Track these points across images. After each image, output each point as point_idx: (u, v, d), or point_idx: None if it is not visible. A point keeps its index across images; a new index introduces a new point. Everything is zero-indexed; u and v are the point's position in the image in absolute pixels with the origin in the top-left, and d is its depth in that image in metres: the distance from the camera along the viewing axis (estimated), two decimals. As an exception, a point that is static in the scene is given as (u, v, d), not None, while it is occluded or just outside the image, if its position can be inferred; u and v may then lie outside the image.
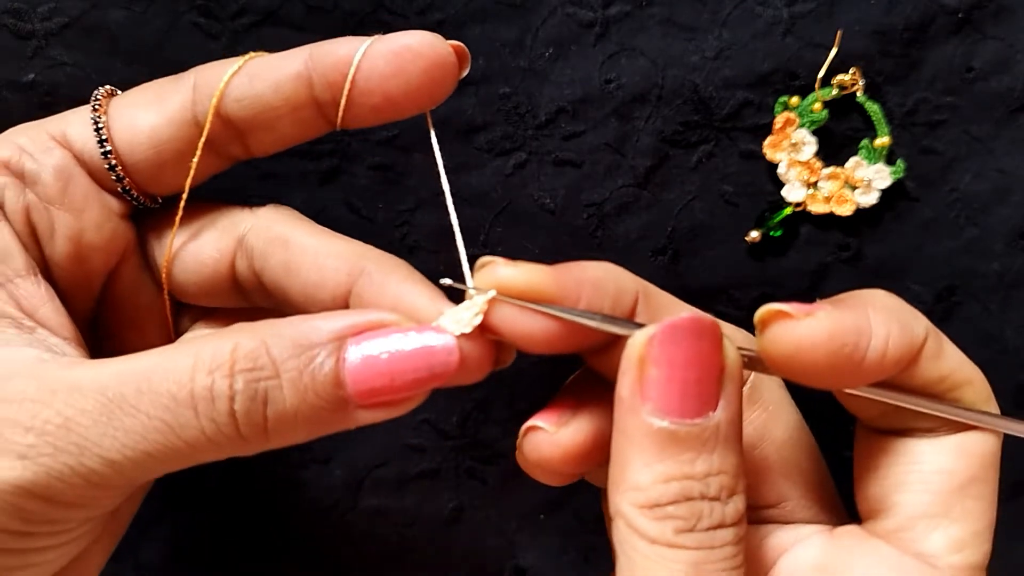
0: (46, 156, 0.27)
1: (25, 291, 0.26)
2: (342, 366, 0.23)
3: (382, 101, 0.26)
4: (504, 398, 0.39)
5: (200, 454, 0.24)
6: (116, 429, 0.23)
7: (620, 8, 0.36)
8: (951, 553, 0.25)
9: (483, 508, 0.40)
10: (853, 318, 0.24)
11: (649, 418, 0.23)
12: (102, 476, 0.23)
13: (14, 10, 0.34)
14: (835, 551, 0.27)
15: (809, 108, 0.36)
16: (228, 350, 0.23)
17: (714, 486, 0.23)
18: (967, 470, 0.25)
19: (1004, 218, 0.38)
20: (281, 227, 0.28)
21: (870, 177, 0.37)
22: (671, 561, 0.22)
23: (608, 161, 0.37)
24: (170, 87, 0.28)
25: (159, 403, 0.23)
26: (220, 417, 0.23)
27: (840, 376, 0.24)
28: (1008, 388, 0.40)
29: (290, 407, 0.23)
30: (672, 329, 0.23)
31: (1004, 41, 0.36)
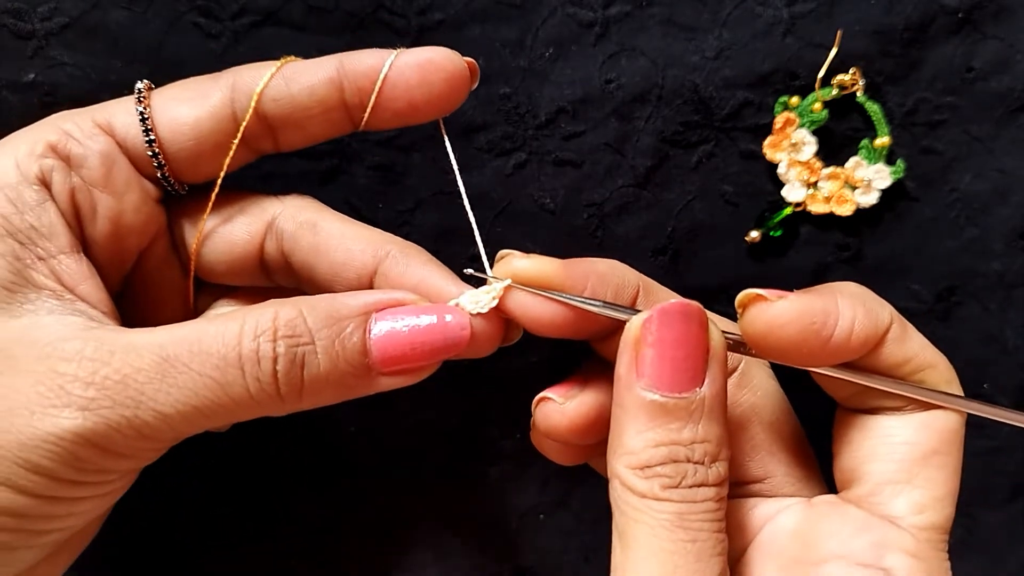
0: (92, 141, 0.29)
1: (67, 267, 0.28)
2: (368, 337, 0.27)
3: (405, 107, 0.29)
4: (504, 398, 0.39)
5: (242, 411, 0.26)
6: (170, 385, 0.25)
7: (620, 8, 0.36)
8: (913, 515, 0.28)
9: (483, 508, 0.40)
10: (822, 301, 0.27)
11: (642, 392, 0.26)
12: (154, 428, 0.26)
13: (14, 10, 0.34)
14: (811, 517, 0.30)
15: (809, 108, 0.36)
16: (270, 318, 0.26)
17: (698, 451, 0.26)
18: (929, 443, 0.28)
19: (1004, 218, 0.38)
20: (310, 213, 0.31)
21: (870, 177, 0.37)
22: (657, 512, 0.26)
23: (608, 161, 0.37)
24: (210, 84, 0.30)
25: (210, 363, 0.26)
26: (264, 376, 0.26)
27: (810, 353, 0.27)
28: (1008, 388, 0.40)
29: (323, 371, 0.26)
30: (663, 313, 0.26)
31: (1004, 41, 0.36)
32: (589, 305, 0.28)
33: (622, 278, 0.30)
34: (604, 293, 0.29)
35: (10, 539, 0.26)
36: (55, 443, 0.25)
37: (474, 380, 0.39)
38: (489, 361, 0.38)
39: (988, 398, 0.40)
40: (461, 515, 0.41)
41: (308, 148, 0.36)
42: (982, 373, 0.40)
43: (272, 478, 0.40)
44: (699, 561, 0.25)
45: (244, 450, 0.39)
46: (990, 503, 0.41)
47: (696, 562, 0.25)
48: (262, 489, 0.40)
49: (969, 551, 0.41)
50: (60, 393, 0.25)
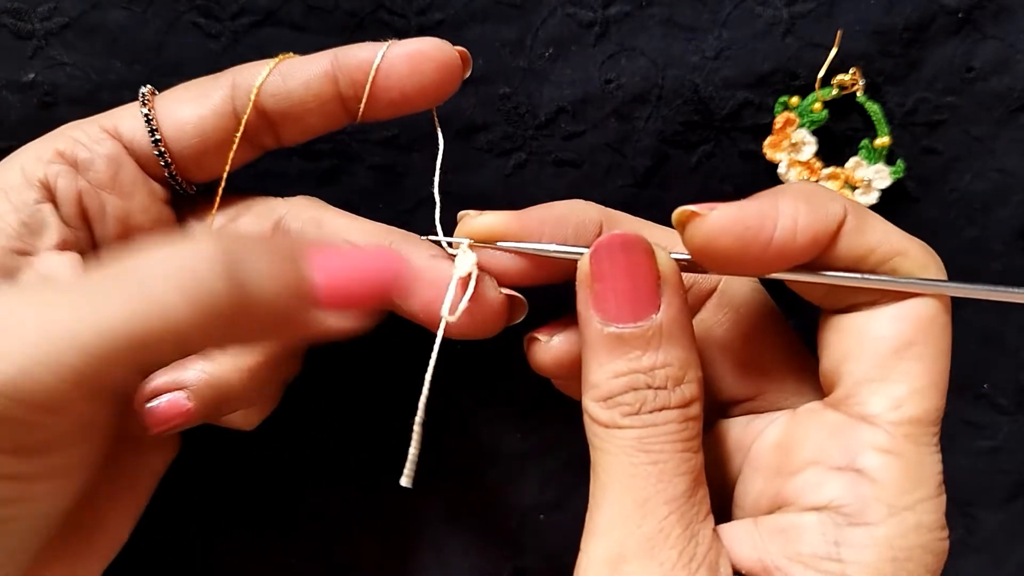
0: (98, 146, 0.30)
1: (52, 264, 0.29)
2: (310, 266, 0.26)
3: (399, 97, 0.30)
4: (504, 398, 0.39)
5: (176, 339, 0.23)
6: (92, 313, 0.22)
7: (620, 8, 0.36)
8: (890, 411, 0.26)
9: (483, 508, 0.40)
10: (756, 206, 0.26)
11: (599, 325, 0.27)
12: (77, 370, 0.22)
13: (14, 10, 0.34)
14: (792, 426, 0.29)
15: (809, 108, 0.36)
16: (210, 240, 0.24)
17: (659, 377, 0.26)
18: (903, 334, 0.27)
19: (1004, 218, 0.38)
20: (314, 211, 0.32)
21: (870, 177, 0.37)
22: (619, 439, 0.26)
23: (608, 161, 0.37)
24: (211, 84, 0.31)
25: (138, 283, 0.23)
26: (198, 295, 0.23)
27: (756, 260, 0.26)
28: (1008, 388, 0.40)
29: (264, 293, 0.24)
30: (601, 247, 0.27)
31: (1004, 41, 0.36)
32: (542, 250, 0.29)
33: (582, 216, 0.30)
34: (564, 235, 0.29)
35: None
36: None
37: (474, 379, 0.39)
38: (489, 361, 0.38)
39: (988, 398, 0.40)
40: (461, 515, 0.41)
41: (308, 148, 0.36)
42: (982, 373, 0.40)
43: (272, 478, 0.40)
44: (661, 481, 0.26)
45: (244, 450, 0.39)
46: (990, 503, 0.41)
47: (658, 482, 0.26)
48: (262, 489, 0.40)
49: (969, 551, 0.41)
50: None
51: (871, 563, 0.25)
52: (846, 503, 0.26)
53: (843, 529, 0.26)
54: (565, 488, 0.40)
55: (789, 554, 0.26)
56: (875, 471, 0.26)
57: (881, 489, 0.26)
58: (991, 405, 0.40)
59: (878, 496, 0.26)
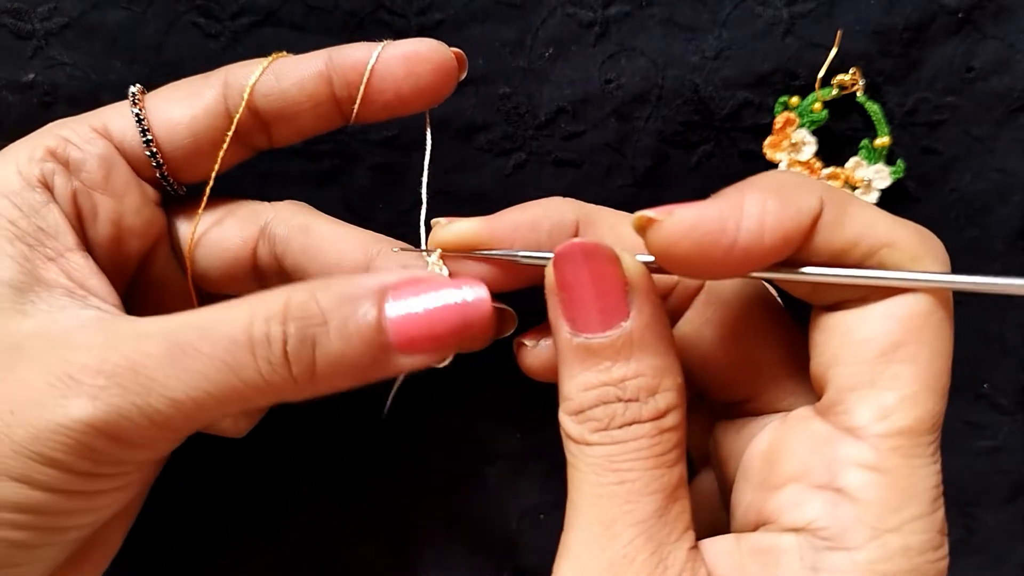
0: (90, 146, 0.30)
1: (76, 264, 0.28)
2: (383, 315, 0.26)
3: (393, 99, 0.29)
4: (504, 399, 0.39)
5: (255, 395, 0.26)
6: (180, 370, 0.25)
7: (620, 8, 0.36)
8: (877, 422, 0.24)
9: (483, 508, 0.40)
10: (716, 207, 0.24)
11: (568, 335, 0.26)
12: (166, 416, 0.25)
13: (14, 10, 0.34)
14: (779, 436, 0.27)
15: (809, 108, 0.36)
16: (281, 302, 0.26)
17: (630, 388, 0.25)
18: (892, 335, 0.24)
19: (1004, 218, 0.38)
20: (301, 217, 0.31)
21: (870, 177, 0.37)
22: (588, 456, 0.25)
23: (608, 161, 0.37)
24: (203, 83, 0.30)
25: (220, 346, 0.25)
26: (275, 359, 0.25)
27: (720, 264, 0.24)
28: (1008, 388, 0.40)
29: (335, 351, 0.26)
30: (561, 257, 0.26)
31: (1004, 41, 0.36)
32: (513, 256, 0.28)
33: (556, 217, 0.29)
34: (537, 239, 0.28)
35: (30, 537, 0.26)
36: (67, 434, 0.25)
37: (474, 380, 0.39)
38: (489, 361, 0.38)
39: (988, 398, 0.40)
40: (461, 515, 0.41)
41: (308, 148, 0.36)
42: (982, 373, 0.40)
43: (271, 478, 0.40)
44: (628, 502, 0.25)
45: (243, 450, 0.39)
46: (990, 503, 0.41)
47: (625, 503, 0.25)
48: (261, 489, 0.40)
49: (969, 551, 0.41)
50: (69, 383, 0.25)
51: None
52: (825, 525, 0.24)
53: (821, 553, 0.24)
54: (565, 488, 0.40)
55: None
56: (858, 490, 0.24)
57: (864, 510, 0.24)
58: (991, 405, 0.40)
59: (860, 518, 0.24)
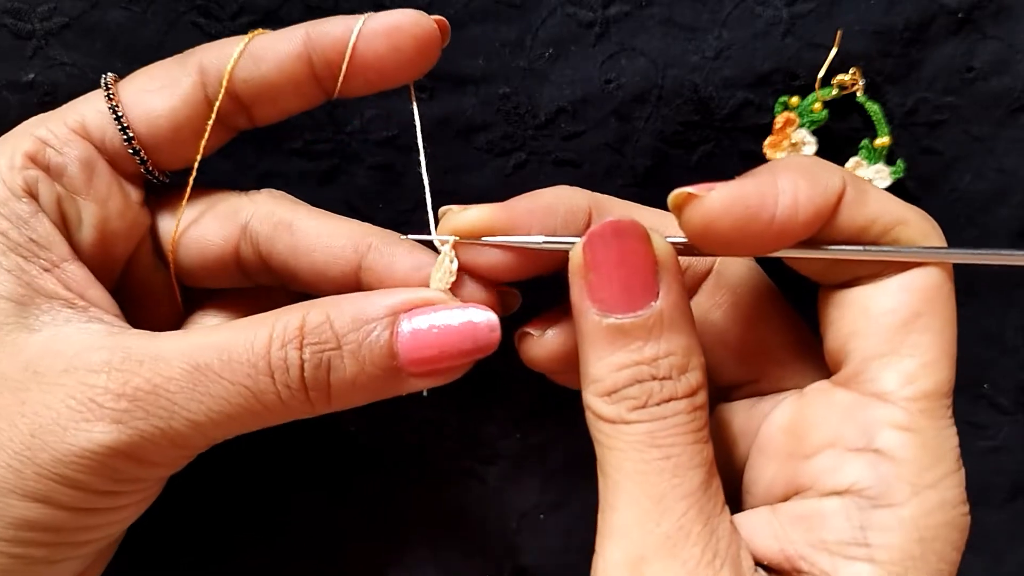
0: (69, 148, 0.29)
1: (72, 274, 0.28)
2: (395, 339, 0.27)
3: (376, 74, 0.29)
4: (504, 398, 0.39)
5: (274, 416, 0.27)
6: (202, 394, 0.25)
7: (620, 8, 0.36)
8: (903, 386, 0.26)
9: (483, 508, 0.40)
10: (755, 183, 0.25)
11: (597, 317, 0.25)
12: (187, 437, 0.26)
13: (14, 10, 0.34)
14: (801, 408, 0.28)
15: (809, 108, 0.36)
16: (297, 324, 0.26)
17: (664, 367, 0.25)
18: (910, 306, 0.26)
19: (1004, 218, 0.38)
20: (283, 212, 0.31)
21: (870, 177, 0.37)
22: (628, 435, 0.25)
23: (608, 161, 0.37)
24: (178, 70, 0.29)
25: (241, 371, 0.26)
26: (293, 383, 0.26)
27: (758, 239, 0.25)
28: (1008, 388, 0.40)
29: (349, 375, 0.26)
30: (595, 235, 0.26)
31: (1004, 41, 0.36)
32: (532, 243, 0.28)
33: (570, 204, 0.29)
34: (553, 225, 0.28)
35: (51, 553, 0.26)
36: (91, 458, 0.25)
37: (474, 380, 0.39)
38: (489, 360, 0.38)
39: (988, 398, 0.40)
40: (461, 515, 0.41)
41: (308, 148, 0.36)
42: (982, 373, 0.40)
43: (271, 478, 0.40)
44: (676, 476, 0.25)
45: (243, 450, 0.39)
46: (990, 503, 0.41)
47: (673, 477, 0.25)
48: (261, 489, 0.40)
49: (969, 551, 0.41)
50: (91, 407, 0.25)
51: (899, 545, 0.25)
52: (868, 485, 0.25)
53: (868, 512, 0.25)
54: (565, 488, 0.40)
55: (812, 541, 0.25)
56: (895, 450, 0.25)
57: (902, 468, 0.25)
58: (991, 405, 0.40)
59: (900, 475, 0.25)
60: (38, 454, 0.25)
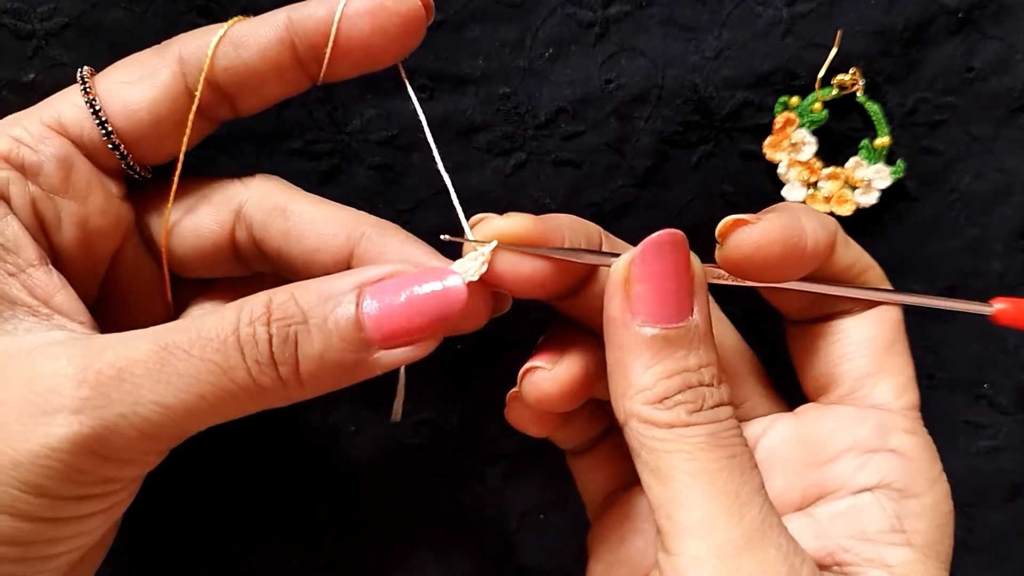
0: (45, 146, 0.28)
1: (39, 280, 0.27)
2: (362, 311, 0.26)
3: (361, 55, 0.28)
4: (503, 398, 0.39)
5: (247, 397, 0.26)
6: (170, 374, 0.24)
7: (620, 8, 0.36)
8: (896, 398, 0.30)
9: (483, 508, 0.40)
10: (791, 217, 0.29)
11: (642, 328, 0.26)
12: (156, 425, 0.24)
13: (14, 10, 0.34)
14: (804, 424, 0.32)
15: (809, 108, 0.36)
16: (263, 302, 0.26)
17: (707, 375, 0.27)
18: (888, 334, 0.31)
19: (1004, 218, 0.38)
20: (277, 197, 0.30)
21: (870, 177, 0.37)
22: (690, 437, 0.26)
23: (608, 161, 0.37)
24: (156, 60, 0.29)
25: (211, 347, 0.25)
26: (263, 358, 0.25)
27: (792, 266, 0.29)
28: (1008, 388, 0.40)
29: (317, 348, 0.26)
30: (655, 245, 0.26)
31: (1004, 41, 0.36)
32: (574, 256, 0.28)
33: (587, 228, 0.30)
34: (579, 243, 0.29)
35: (17, 569, 0.25)
36: (50, 456, 0.23)
37: (474, 380, 0.39)
38: (489, 361, 0.38)
39: (988, 398, 0.40)
40: (461, 515, 0.41)
41: (308, 148, 0.36)
42: (982, 373, 0.40)
43: (271, 478, 0.40)
44: (743, 473, 0.26)
45: (242, 450, 0.39)
46: (990, 503, 0.41)
47: (741, 475, 0.26)
48: (261, 489, 0.40)
49: (969, 551, 0.41)
50: (49, 397, 0.23)
51: (927, 530, 0.28)
52: (895, 479, 0.29)
53: (900, 503, 0.28)
54: (565, 488, 0.40)
55: (854, 534, 0.28)
56: (907, 449, 0.29)
57: (917, 464, 0.29)
58: (991, 405, 0.40)
59: (917, 470, 0.29)
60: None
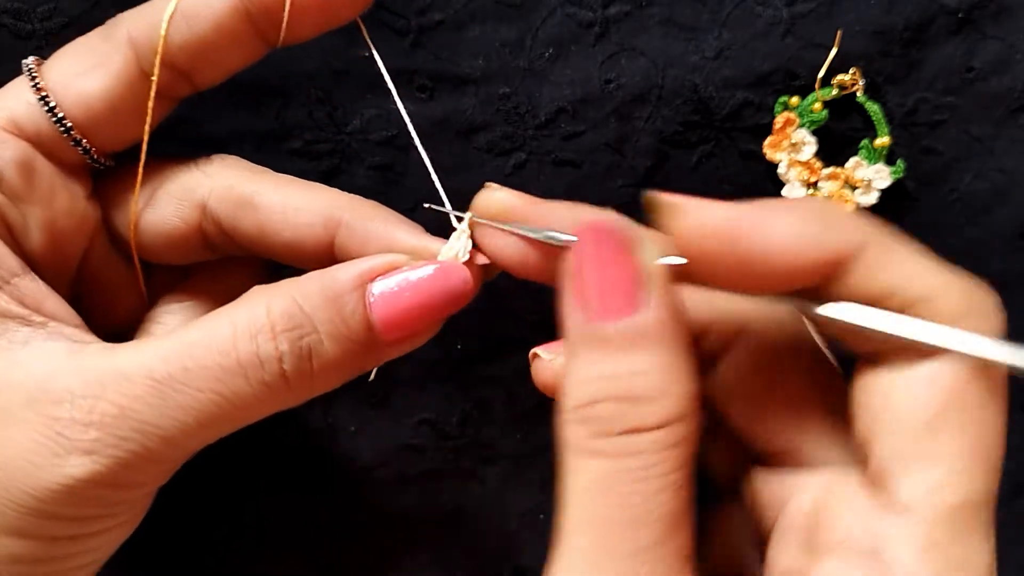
0: (3, 150, 0.27)
1: (26, 289, 0.26)
2: (369, 308, 0.25)
3: (319, 15, 0.27)
4: (504, 398, 0.39)
5: (251, 415, 0.25)
6: (171, 408, 0.24)
7: (620, 8, 0.36)
8: (926, 496, 0.22)
9: (483, 508, 0.40)
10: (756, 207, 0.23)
11: (580, 322, 0.23)
12: (163, 454, 0.25)
13: (14, 10, 0.34)
14: (822, 498, 0.25)
15: (809, 108, 0.36)
16: (263, 313, 0.25)
17: (638, 386, 0.22)
18: (936, 402, 0.22)
19: (1004, 218, 0.38)
20: (243, 185, 0.29)
21: (870, 177, 0.37)
22: (585, 473, 0.22)
23: (608, 161, 0.37)
24: (105, 46, 0.27)
25: (209, 376, 0.24)
26: (271, 378, 0.24)
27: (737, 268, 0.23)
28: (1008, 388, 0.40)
29: (333, 356, 0.25)
30: (581, 232, 0.24)
31: (1004, 41, 0.36)
32: (535, 234, 0.26)
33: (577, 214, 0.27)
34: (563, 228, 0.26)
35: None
36: (67, 492, 0.24)
37: (474, 380, 0.39)
38: (489, 360, 0.38)
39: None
40: (461, 515, 0.41)
41: (308, 148, 0.36)
42: (982, 373, 0.40)
43: (270, 478, 0.40)
44: (634, 528, 0.22)
45: (241, 450, 0.39)
46: (990, 503, 0.41)
47: (629, 530, 0.22)
48: (260, 489, 0.40)
49: (969, 551, 0.41)
50: (60, 440, 0.24)
51: None
52: None
53: None
54: (565, 488, 0.40)
55: None
56: (904, 567, 0.22)
57: None
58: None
59: None
60: (11, 491, 0.24)
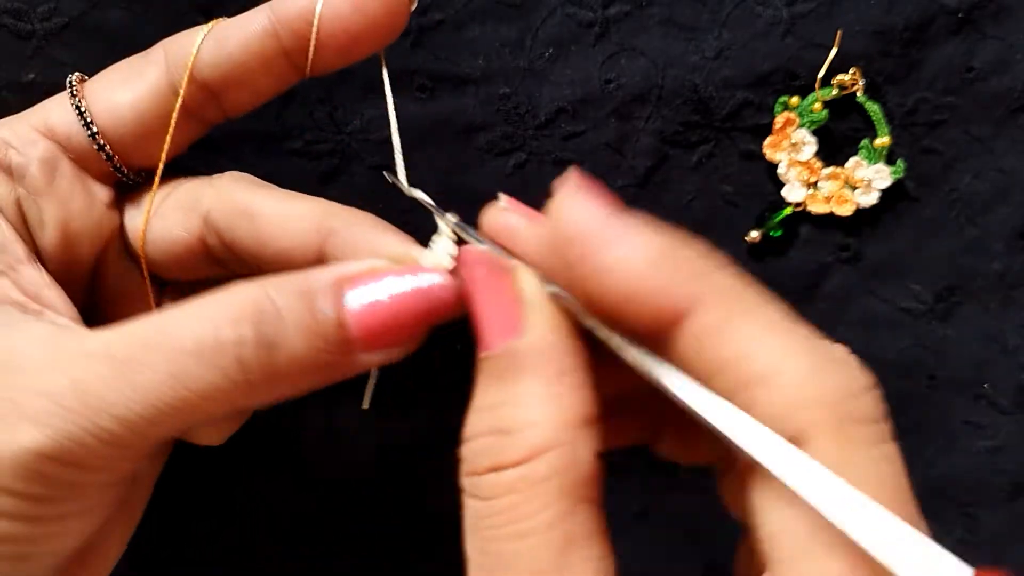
0: (31, 148, 0.28)
1: (27, 277, 0.27)
2: (343, 309, 0.24)
3: (347, 42, 0.27)
4: (504, 398, 0.39)
5: (212, 405, 0.24)
6: (125, 386, 0.23)
7: (620, 8, 0.36)
8: None
9: (483, 508, 0.40)
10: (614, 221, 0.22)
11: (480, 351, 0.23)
12: (116, 435, 0.23)
13: (14, 10, 0.34)
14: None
15: (809, 108, 0.36)
16: (230, 300, 0.24)
17: (506, 416, 0.21)
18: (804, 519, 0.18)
19: (1004, 218, 0.38)
20: (242, 197, 0.29)
21: (870, 177, 0.37)
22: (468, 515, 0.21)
23: (608, 161, 0.37)
24: (141, 62, 0.29)
25: (165, 357, 0.23)
26: (227, 363, 0.23)
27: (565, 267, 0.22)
28: (1008, 388, 0.40)
29: (297, 350, 0.24)
30: (460, 260, 0.24)
31: (1004, 41, 0.36)
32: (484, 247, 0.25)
33: None
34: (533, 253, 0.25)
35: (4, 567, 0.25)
36: (15, 460, 0.23)
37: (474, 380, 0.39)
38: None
39: (988, 398, 0.40)
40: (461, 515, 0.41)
41: (308, 148, 0.36)
42: (982, 373, 0.40)
43: (269, 478, 0.40)
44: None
45: (240, 450, 0.39)
46: (990, 503, 0.41)
47: None
48: (259, 489, 0.40)
49: (969, 551, 0.41)
50: (13, 408, 0.23)
51: None
52: None
53: None
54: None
55: None
56: None
57: None
58: (991, 405, 0.40)
59: None
60: None
